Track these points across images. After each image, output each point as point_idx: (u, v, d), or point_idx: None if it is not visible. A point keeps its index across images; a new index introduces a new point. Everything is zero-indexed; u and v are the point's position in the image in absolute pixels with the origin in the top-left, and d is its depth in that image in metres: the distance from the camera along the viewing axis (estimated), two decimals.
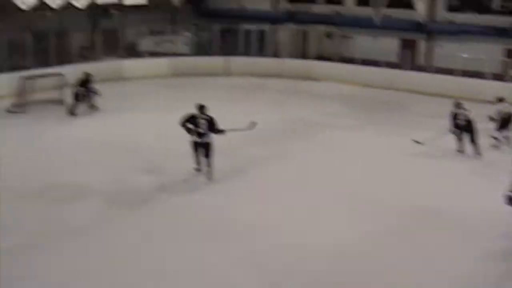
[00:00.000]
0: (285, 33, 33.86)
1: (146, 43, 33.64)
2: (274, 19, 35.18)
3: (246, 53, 32.62)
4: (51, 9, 28.73)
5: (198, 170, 17.23)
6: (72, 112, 24.03)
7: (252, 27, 33.01)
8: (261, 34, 33.33)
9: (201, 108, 16.73)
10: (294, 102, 26.50)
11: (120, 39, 32.17)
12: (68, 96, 24.61)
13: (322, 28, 33.69)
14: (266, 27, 33.97)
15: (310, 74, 31.36)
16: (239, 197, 15.74)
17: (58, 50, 29.79)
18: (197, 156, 17.09)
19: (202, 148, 16.80)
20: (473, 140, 19.29)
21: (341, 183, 16.73)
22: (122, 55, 32.15)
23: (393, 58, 30.59)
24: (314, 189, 16.27)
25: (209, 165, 16.81)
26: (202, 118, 16.60)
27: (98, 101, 24.27)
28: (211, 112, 16.93)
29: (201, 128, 16.57)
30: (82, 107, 24.13)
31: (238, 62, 32.34)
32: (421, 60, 31.17)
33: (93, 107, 24.38)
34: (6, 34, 28.01)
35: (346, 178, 17.15)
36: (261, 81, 30.49)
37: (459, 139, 19.52)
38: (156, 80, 30.33)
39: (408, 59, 29.72)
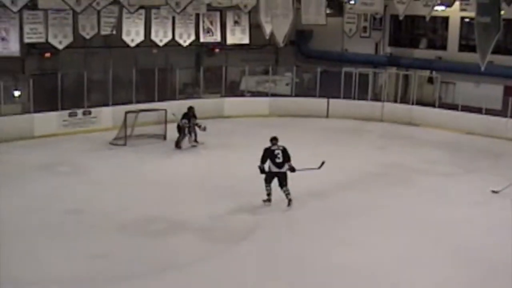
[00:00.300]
0: (386, 77, 33.69)
1: (247, 82, 33.96)
2: (376, 63, 35.08)
3: (347, 95, 32.55)
4: (157, 46, 29.40)
5: (269, 200, 17.87)
6: (177, 145, 24.57)
7: (354, 69, 32.96)
8: (362, 77, 33.23)
9: (274, 139, 17.83)
10: (393, 147, 26.22)
11: (222, 78, 32.61)
12: (170, 130, 25.16)
13: (424, 73, 33.38)
14: (367, 70, 33.87)
15: (411, 119, 31.02)
16: (332, 240, 15.66)
17: (162, 86, 30.44)
18: (269, 187, 17.80)
19: (279, 177, 17.59)
20: None
21: (434, 230, 16.48)
22: (224, 93, 32.58)
23: (496, 105, 29.97)
24: (405, 237, 16.06)
25: (288, 193, 17.56)
26: (277, 149, 17.57)
27: (200, 136, 24.69)
28: (309, 153, 17.02)
29: (278, 158, 17.42)
30: (185, 141, 24.61)
31: (339, 104, 32.30)
32: None
33: (195, 142, 24.82)
34: (113, 69, 28.85)
35: (440, 226, 16.86)
36: (361, 125, 30.33)
37: None
38: (256, 119, 30.56)
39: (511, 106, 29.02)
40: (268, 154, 17.63)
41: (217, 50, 34.08)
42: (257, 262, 14.20)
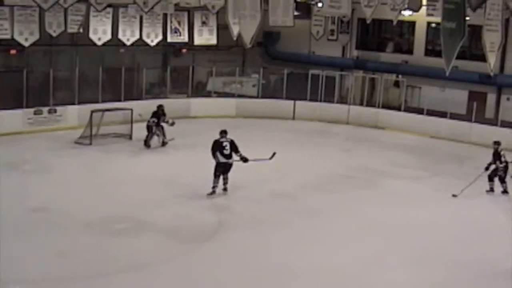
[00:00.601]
0: (353, 80, 33.87)
1: (214, 83, 33.96)
2: (343, 66, 35.27)
3: (313, 98, 32.67)
4: (124, 45, 29.28)
5: (213, 192, 18.68)
6: (146, 144, 24.58)
7: (320, 72, 33.09)
8: (329, 79, 33.36)
9: (223, 132, 18.96)
10: (360, 150, 26.39)
11: (189, 78, 32.59)
12: (136, 130, 25.15)
13: (390, 77, 33.64)
14: (334, 73, 34.04)
15: (377, 122, 31.27)
16: (302, 240, 15.72)
17: (128, 86, 30.35)
18: (217, 178, 18.65)
19: (227, 168, 18.66)
20: None
21: (401, 234, 16.62)
22: (190, 93, 32.55)
23: (461, 110, 30.26)
24: (371, 239, 16.17)
25: (227, 181, 18.77)
26: (226, 141, 18.67)
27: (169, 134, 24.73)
28: (277, 153, 17.12)
29: (225, 150, 18.44)
30: (154, 140, 24.67)
31: (305, 106, 32.43)
32: (490, 113, 30.73)
33: (163, 140, 24.86)
34: (80, 68, 28.71)
35: (407, 229, 17.01)
36: (327, 127, 30.48)
37: None
38: (222, 120, 30.54)
39: (476, 111, 29.30)
40: (217, 146, 18.52)
41: (184, 50, 34.02)
42: (221, 263, 14.18)
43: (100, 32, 27.96)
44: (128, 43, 29.15)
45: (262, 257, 14.51)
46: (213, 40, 31.45)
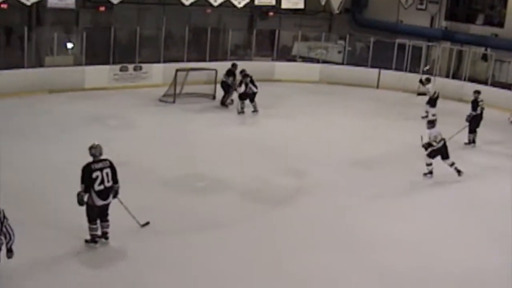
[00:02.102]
0: (440, 51, 33.23)
1: (299, 48, 33.83)
2: (431, 36, 34.61)
3: (399, 67, 32.23)
4: (211, 6, 29.35)
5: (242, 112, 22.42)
6: (223, 103, 24.79)
7: (407, 41, 32.57)
8: (416, 50, 32.81)
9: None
10: (443, 122, 25.79)
11: (274, 41, 32.54)
12: (220, 90, 25.39)
13: (478, 50, 32.88)
14: (421, 43, 33.45)
15: (462, 95, 30.61)
16: (377, 213, 15.58)
17: (213, 46, 30.48)
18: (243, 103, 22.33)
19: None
20: None
21: (491, 209, 16.32)
22: (275, 57, 32.53)
23: None
24: (458, 215, 15.94)
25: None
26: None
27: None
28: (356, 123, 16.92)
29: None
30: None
31: (390, 75, 32.04)
32: None
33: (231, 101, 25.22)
34: (166, 27, 28.95)
35: (494, 206, 16.67)
36: (411, 97, 30.04)
37: None
38: (306, 85, 30.49)
39: None
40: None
41: (271, 13, 33.94)
42: (296, 227, 14.17)
43: None
44: (216, 4, 29.20)
45: (337, 226, 14.43)
46: (300, 4, 31.25)
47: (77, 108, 23.01)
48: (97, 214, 12.35)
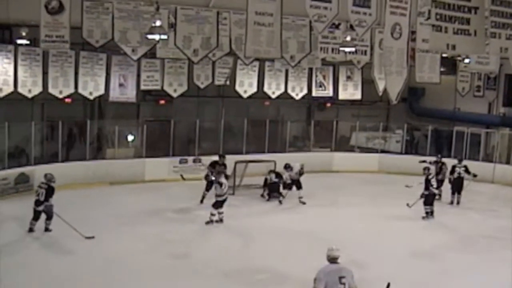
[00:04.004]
0: (499, 138, 32.94)
1: (358, 138, 33.90)
2: (489, 123, 34.39)
3: (458, 155, 31.98)
4: (269, 98, 29.76)
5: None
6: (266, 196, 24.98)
7: (465, 129, 32.42)
8: (474, 137, 32.61)
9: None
10: (505, 210, 25.40)
11: (332, 132, 32.69)
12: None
13: None
14: (479, 130, 33.24)
15: None
16: None
17: (272, 138, 30.74)
18: None
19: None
20: None
21: None
22: (333, 147, 32.63)
23: None
24: None
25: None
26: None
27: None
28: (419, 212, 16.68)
29: None
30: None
31: (448, 163, 31.77)
32: None
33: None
34: (225, 119, 29.38)
35: None
36: (471, 185, 29.62)
37: None
38: (364, 175, 30.41)
39: None
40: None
41: (328, 104, 34.21)
42: None
43: (246, 84, 28.64)
44: (273, 96, 29.66)
45: None
46: (357, 95, 31.51)
47: (138, 200, 23.29)
48: None
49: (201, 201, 23.46)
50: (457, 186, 25.99)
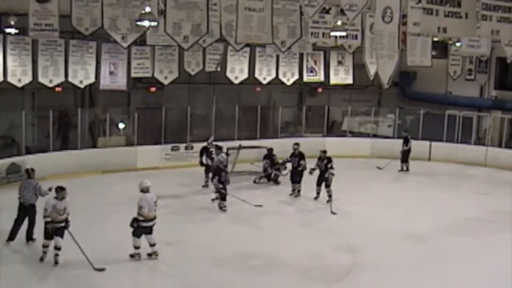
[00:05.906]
0: (491, 121, 32.96)
1: (349, 123, 33.88)
2: (481, 106, 34.41)
3: (450, 139, 32.03)
4: (260, 84, 29.70)
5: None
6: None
7: (457, 112, 32.43)
8: (466, 120, 32.62)
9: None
10: (497, 193, 25.47)
11: (324, 117, 32.66)
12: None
13: None
14: (471, 113, 33.26)
15: None
16: (434, 284, 15.29)
17: (264, 124, 30.70)
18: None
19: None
20: None
21: None
22: (325, 132, 32.59)
23: None
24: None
25: None
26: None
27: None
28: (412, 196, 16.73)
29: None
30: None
31: (441, 147, 31.84)
32: None
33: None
34: (216, 105, 29.32)
35: None
36: (463, 169, 29.75)
37: None
38: (357, 160, 30.42)
39: None
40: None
41: (320, 89, 34.15)
42: None
43: (237, 71, 28.63)
44: (265, 82, 29.63)
45: None
46: (349, 80, 31.53)
47: (130, 188, 23.20)
48: None
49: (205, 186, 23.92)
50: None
